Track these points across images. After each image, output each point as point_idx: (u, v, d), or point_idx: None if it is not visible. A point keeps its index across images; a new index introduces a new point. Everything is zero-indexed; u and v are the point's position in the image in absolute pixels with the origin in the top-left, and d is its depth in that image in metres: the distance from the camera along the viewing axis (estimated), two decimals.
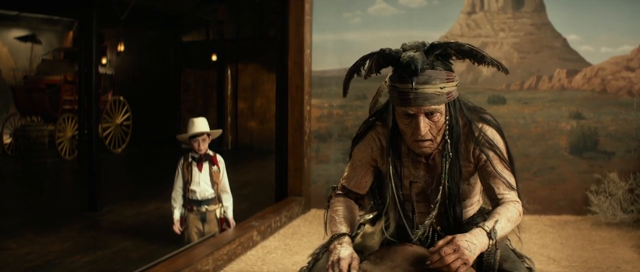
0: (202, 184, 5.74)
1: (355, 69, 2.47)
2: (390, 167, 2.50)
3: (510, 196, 2.45)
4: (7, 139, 14.78)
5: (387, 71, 2.43)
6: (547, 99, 7.42)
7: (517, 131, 7.25)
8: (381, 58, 2.38)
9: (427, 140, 2.36)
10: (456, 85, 2.37)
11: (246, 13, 16.01)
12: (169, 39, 17.21)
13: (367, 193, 2.77)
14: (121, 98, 16.11)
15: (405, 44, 2.35)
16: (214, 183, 5.78)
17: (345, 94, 2.60)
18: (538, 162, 7.35)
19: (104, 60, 15.68)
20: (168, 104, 17.13)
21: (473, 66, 7.48)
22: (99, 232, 7.21)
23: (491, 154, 2.44)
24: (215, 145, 12.39)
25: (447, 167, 2.42)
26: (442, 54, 2.33)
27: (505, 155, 2.47)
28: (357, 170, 2.69)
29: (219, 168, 5.84)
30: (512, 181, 2.47)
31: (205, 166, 5.77)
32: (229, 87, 16.58)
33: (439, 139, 2.40)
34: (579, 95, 7.37)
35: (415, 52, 2.27)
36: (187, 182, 5.74)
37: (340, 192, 2.74)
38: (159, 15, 15.82)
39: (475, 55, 2.35)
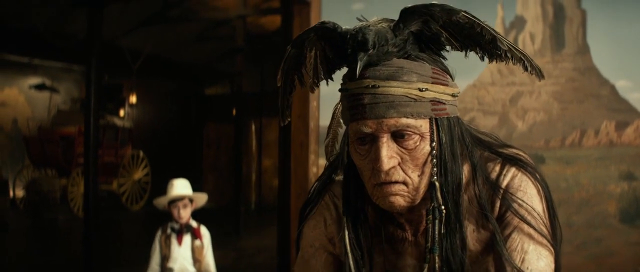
0: (180, 260, 4.89)
1: (292, 64, 1.50)
2: (346, 235, 1.46)
3: None
4: (19, 192, 14.53)
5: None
6: (593, 157, 6.79)
7: (557, 196, 6.52)
8: (326, 44, 1.43)
9: (394, 182, 1.34)
10: (453, 96, 1.38)
11: (270, 65, 15.64)
12: (191, 91, 17.08)
13: None
14: (140, 152, 15.68)
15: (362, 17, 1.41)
16: (196, 260, 4.93)
17: (283, 118, 1.57)
18: (582, 233, 6.63)
19: (121, 113, 15.49)
20: (190, 160, 16.79)
21: (505, 118, 6.87)
22: None
23: (516, 221, 1.39)
24: (236, 204, 12.12)
25: (438, 230, 1.37)
26: (425, 34, 1.37)
27: (543, 225, 1.40)
28: (308, 264, 1.63)
29: (202, 243, 4.99)
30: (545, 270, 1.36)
31: (186, 239, 4.93)
32: (254, 143, 16.08)
33: (422, 184, 1.37)
34: (630, 151, 6.73)
35: (378, 25, 1.35)
36: (164, 258, 4.91)
37: None
38: (178, 67, 15.64)
39: (480, 36, 1.36)
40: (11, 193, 14.27)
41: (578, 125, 6.83)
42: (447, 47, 1.40)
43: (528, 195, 1.41)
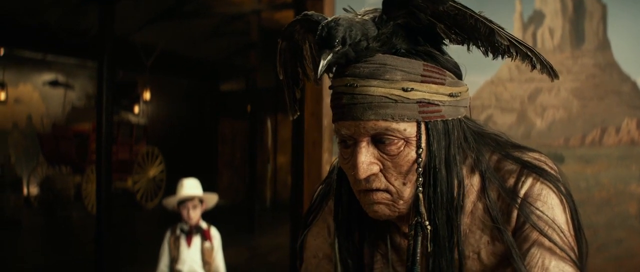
0: (189, 262, 4.77)
1: (289, 56, 1.41)
2: (336, 242, 1.34)
3: None
4: (33, 190, 14.45)
5: None
6: (614, 156, 6.56)
7: (577, 196, 6.05)
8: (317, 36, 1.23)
9: (375, 190, 1.23)
10: (452, 96, 1.23)
11: None
12: (205, 87, 16.98)
13: None
14: (155, 149, 15.57)
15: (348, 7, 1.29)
16: (206, 263, 4.81)
17: (292, 112, 1.49)
18: (602, 235, 6.40)
19: (136, 109, 15.39)
20: (204, 157, 16.64)
21: (523, 116, 6.69)
22: None
23: (535, 235, 1.23)
24: (250, 201, 12.03)
25: (420, 249, 1.23)
26: (416, 26, 1.22)
27: (566, 239, 1.25)
28: None
29: (212, 245, 4.87)
30: None
31: (196, 240, 4.82)
32: (269, 139, 15.94)
33: (407, 194, 1.23)
34: None
35: (357, 17, 1.22)
36: (173, 260, 4.80)
37: None
38: (192, 63, 15.51)
39: (475, 29, 1.19)
40: (25, 191, 14.15)
41: (598, 123, 6.63)
42: (446, 41, 1.25)
43: (548, 205, 1.25)
